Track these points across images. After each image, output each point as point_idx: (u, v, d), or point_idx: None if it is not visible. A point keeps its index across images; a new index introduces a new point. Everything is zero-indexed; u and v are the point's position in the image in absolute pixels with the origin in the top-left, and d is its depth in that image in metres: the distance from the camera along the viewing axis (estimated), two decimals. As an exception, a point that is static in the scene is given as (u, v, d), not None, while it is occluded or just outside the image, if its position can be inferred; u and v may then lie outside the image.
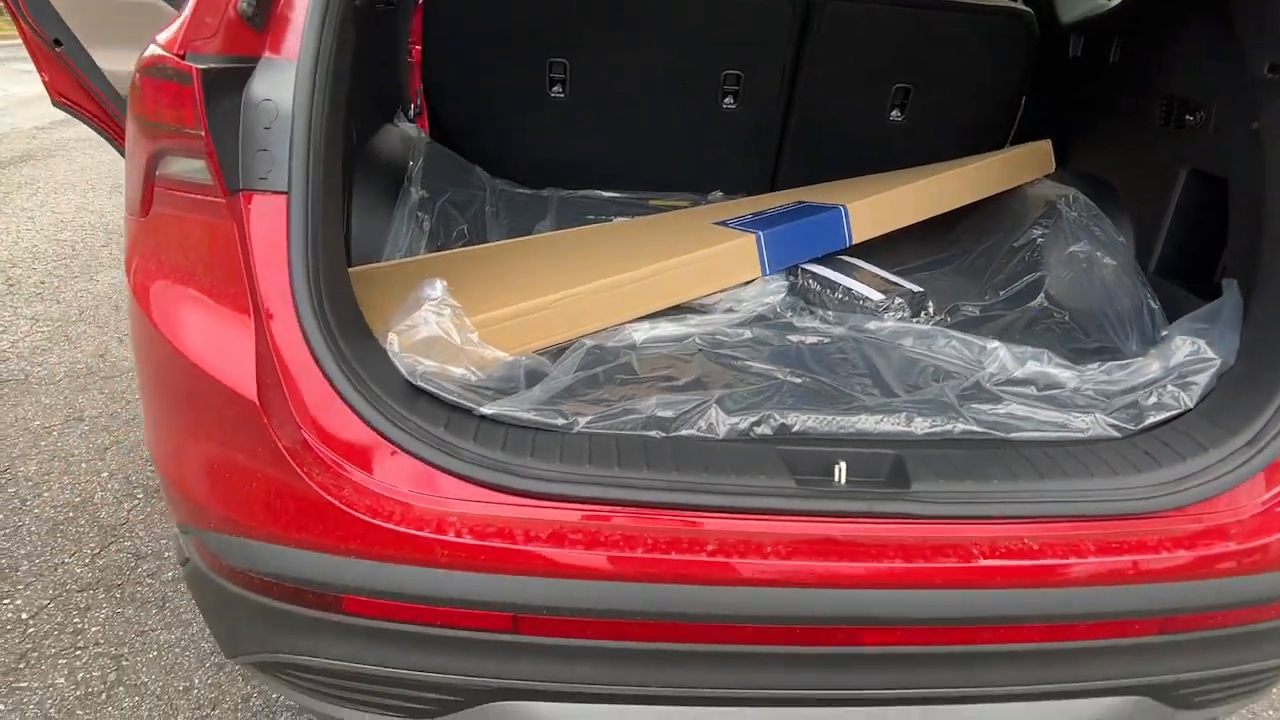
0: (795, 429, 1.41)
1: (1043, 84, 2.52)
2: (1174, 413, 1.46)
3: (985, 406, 1.51)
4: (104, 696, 2.12)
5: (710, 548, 1.21)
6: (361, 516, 1.20)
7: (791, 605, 1.22)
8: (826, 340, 1.76)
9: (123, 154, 3.14)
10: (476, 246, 1.95)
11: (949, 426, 1.44)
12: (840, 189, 2.25)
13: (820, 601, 1.22)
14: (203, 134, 1.19)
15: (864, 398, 1.54)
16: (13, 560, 2.53)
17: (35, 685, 2.13)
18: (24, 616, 2.34)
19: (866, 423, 1.43)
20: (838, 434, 1.42)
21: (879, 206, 1.99)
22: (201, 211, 1.26)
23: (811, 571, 1.22)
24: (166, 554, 2.58)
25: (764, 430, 1.41)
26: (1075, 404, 1.54)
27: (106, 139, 3.16)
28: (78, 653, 2.23)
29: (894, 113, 2.54)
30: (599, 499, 1.21)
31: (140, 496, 2.82)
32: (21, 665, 2.19)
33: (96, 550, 2.59)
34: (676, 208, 2.41)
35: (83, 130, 7.74)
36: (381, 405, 1.25)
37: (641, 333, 1.69)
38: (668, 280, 1.72)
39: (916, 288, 1.89)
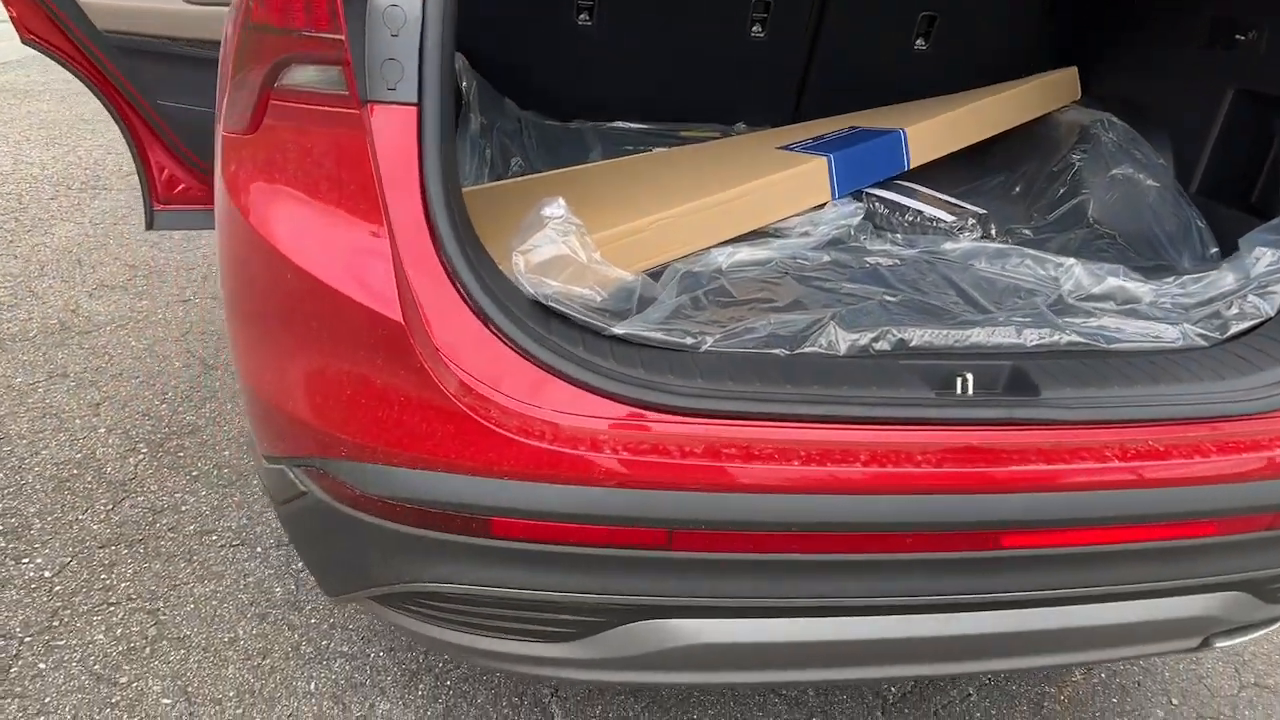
0: (913, 344, 1.43)
1: (1067, 11, 2.55)
2: (1257, 321, 1.53)
3: (1078, 320, 1.55)
4: (148, 651, 2.04)
5: (862, 458, 1.22)
6: (513, 436, 1.18)
7: (937, 512, 1.24)
8: (900, 262, 1.78)
9: (99, 96, 2.95)
10: (552, 172, 1.90)
11: (1055, 338, 1.47)
12: (880, 116, 2.25)
13: (964, 508, 1.25)
14: (341, 38, 1.12)
15: (963, 313, 1.56)
16: (23, 519, 2.40)
17: (74, 642, 2.05)
18: (47, 575, 2.23)
19: (979, 336, 1.45)
20: (953, 348, 1.45)
21: (935, 130, 2.00)
22: (329, 124, 1.19)
23: (957, 478, 1.24)
24: (184, 507, 2.49)
25: (882, 346, 1.42)
26: (1154, 317, 1.60)
27: (81, 80, 2.94)
28: (111, 608, 2.15)
29: (919, 41, 2.55)
30: (752, 414, 1.21)
31: (145, 451, 2.71)
32: (55, 623, 2.09)
33: (110, 506, 2.47)
34: (708, 138, 2.38)
35: (3, 80, 7.20)
36: (524, 325, 1.21)
37: (725, 257, 1.67)
38: (752, 202, 1.71)
39: (979, 209, 1.92)
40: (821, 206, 1.83)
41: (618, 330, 1.32)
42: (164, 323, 3.45)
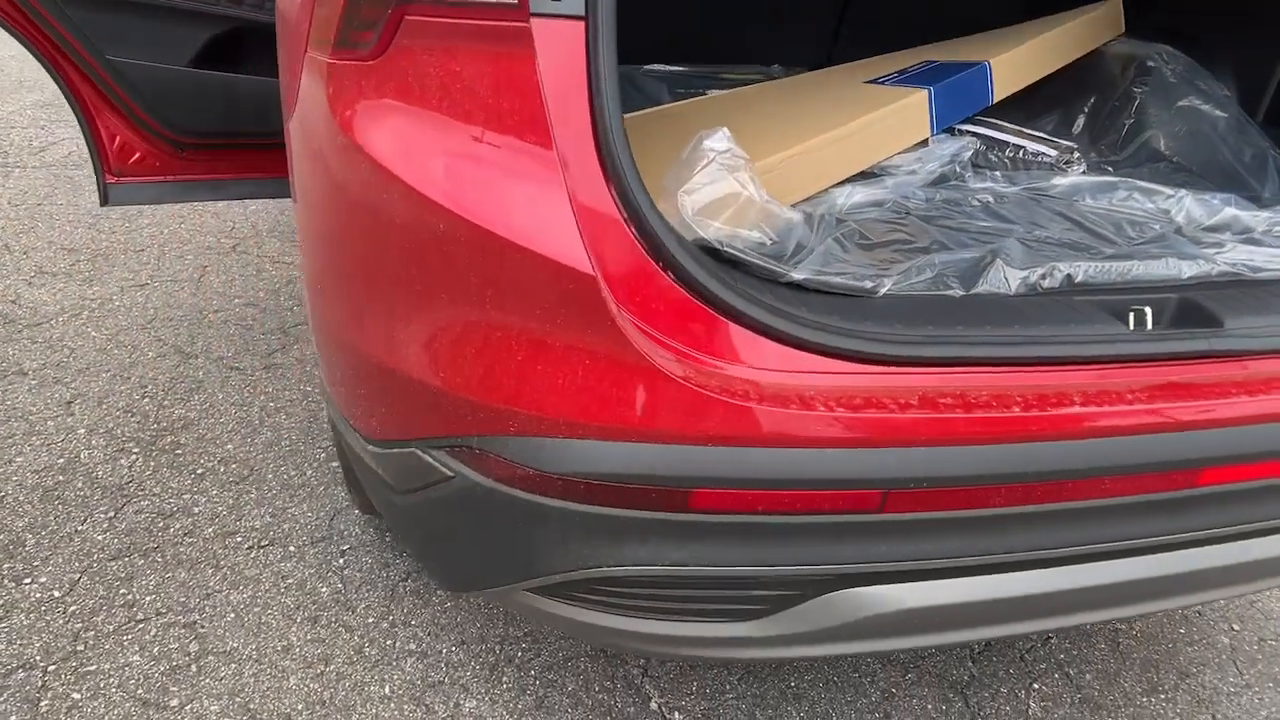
0: (1078, 280, 1.36)
1: None
2: None
3: (1211, 250, 1.51)
4: (193, 669, 1.84)
5: (1077, 400, 1.14)
6: (717, 397, 1.05)
7: (1146, 452, 1.18)
8: (1007, 199, 1.70)
9: (33, 52, 2.61)
10: (644, 111, 1.74)
11: (1207, 269, 1.43)
12: (946, 51, 2.15)
13: (1172, 446, 1.18)
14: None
15: (1103, 248, 1.50)
16: (13, 535, 2.13)
17: (107, 666, 1.82)
18: (56, 594, 1.99)
19: (1138, 270, 1.39)
20: (1114, 283, 1.38)
21: (1017, 62, 1.92)
22: (488, 42, 1.02)
23: (1165, 415, 1.18)
24: (196, 509, 2.25)
25: (1050, 283, 1.35)
26: (1273, 245, 1.57)
27: (11, 33, 2.59)
28: (140, 625, 1.92)
29: None
30: (971, 359, 1.11)
31: (136, 451, 2.44)
32: (80, 647, 1.86)
33: (111, 514, 2.22)
34: (754, 80, 2.25)
35: None
36: (714, 274, 1.08)
37: (844, 198, 1.57)
38: (867, 138, 1.60)
39: (1071, 143, 1.86)
40: (923, 143, 1.74)
41: (797, 276, 1.20)
42: (123, 310, 3.14)
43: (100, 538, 2.15)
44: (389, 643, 1.94)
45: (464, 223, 1.04)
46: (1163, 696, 1.99)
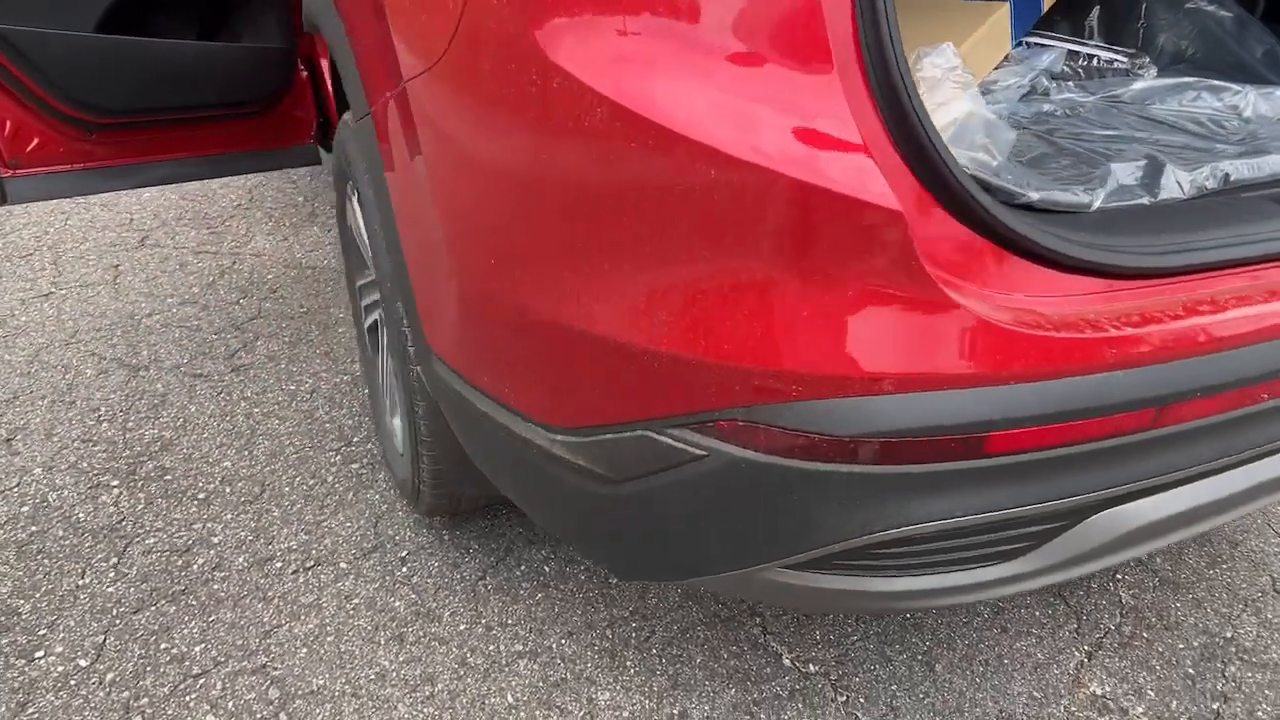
0: (1233, 178, 1.37)
1: None
2: None
3: (1309, 139, 1.56)
4: (283, 718, 1.62)
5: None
6: (1022, 332, 0.98)
7: None
8: (1086, 106, 1.70)
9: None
10: None
11: (1324, 156, 1.47)
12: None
13: None
14: None
15: (1221, 145, 1.52)
16: (2, 605, 1.80)
17: (183, 735, 1.58)
18: (83, 663, 1.70)
19: (1274, 164, 1.42)
20: (1257, 178, 1.40)
21: (1056, -28, 1.92)
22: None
23: None
24: (215, 539, 1.99)
25: (1212, 184, 1.35)
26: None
27: None
28: (202, 681, 1.68)
29: None
30: (1220, 262, 1.10)
31: (116, 485, 2.12)
32: (136, 718, 1.60)
33: (114, 560, 1.92)
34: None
35: None
36: (996, 203, 1.00)
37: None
38: (980, 55, 1.54)
39: (1137, 50, 1.88)
40: (1006, 57, 1.71)
41: (1034, 195, 1.13)
42: (34, 325, 2.71)
43: (111, 589, 1.85)
44: (492, 648, 1.78)
45: (740, 165, 0.91)
46: (1225, 566, 2.12)
